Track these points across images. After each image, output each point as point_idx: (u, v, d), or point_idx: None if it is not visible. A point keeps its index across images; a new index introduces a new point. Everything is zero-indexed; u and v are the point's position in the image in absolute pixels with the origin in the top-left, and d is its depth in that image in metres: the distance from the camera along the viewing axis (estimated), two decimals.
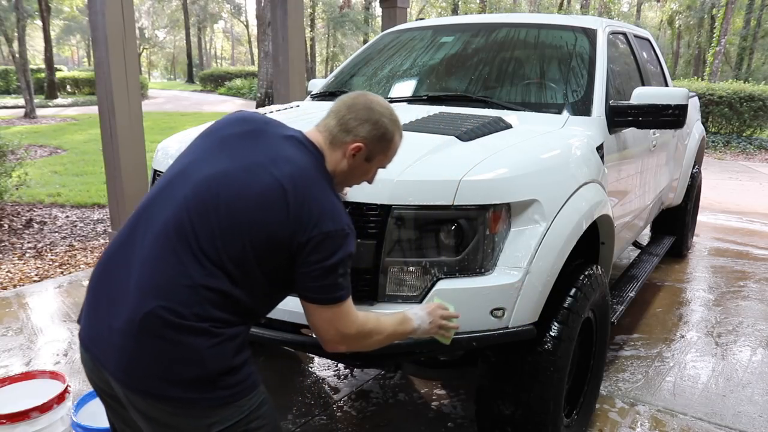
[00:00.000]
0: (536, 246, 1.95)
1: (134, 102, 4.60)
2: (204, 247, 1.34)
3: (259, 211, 1.37)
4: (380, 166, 1.65)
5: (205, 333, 1.32)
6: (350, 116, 1.54)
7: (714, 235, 5.95)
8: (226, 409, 1.35)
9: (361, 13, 31.60)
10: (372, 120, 1.54)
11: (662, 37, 39.47)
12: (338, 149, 1.55)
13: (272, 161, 1.43)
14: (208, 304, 1.33)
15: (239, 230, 1.36)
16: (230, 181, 1.39)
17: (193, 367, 1.31)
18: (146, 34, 46.90)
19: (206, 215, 1.36)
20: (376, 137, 1.55)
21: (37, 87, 21.31)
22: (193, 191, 1.39)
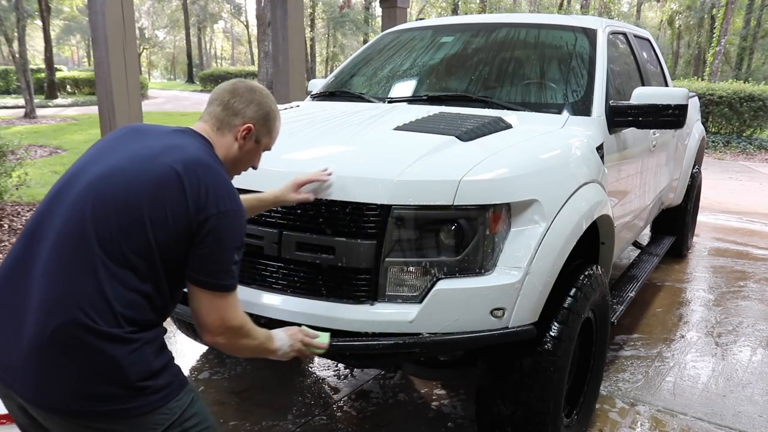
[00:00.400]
0: (536, 246, 1.95)
1: (134, 102, 4.60)
2: (106, 248, 1.30)
3: (157, 199, 1.34)
4: (266, 148, 1.70)
5: (121, 340, 1.28)
6: (235, 100, 1.58)
7: (714, 235, 5.95)
8: (155, 415, 1.33)
9: (361, 13, 31.60)
10: (256, 101, 1.60)
11: (662, 37, 39.46)
12: (228, 134, 1.58)
13: (162, 151, 1.41)
14: (119, 308, 1.29)
15: (140, 222, 1.33)
16: (123, 176, 1.37)
17: (113, 377, 1.28)
18: (146, 34, 46.88)
19: (104, 215, 1.32)
20: (262, 117, 1.61)
21: (37, 87, 21.30)
22: (85, 194, 1.35)
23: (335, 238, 1.90)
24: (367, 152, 2.16)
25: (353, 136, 2.33)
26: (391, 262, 1.88)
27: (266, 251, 2.02)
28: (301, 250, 1.96)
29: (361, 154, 2.15)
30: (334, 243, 1.90)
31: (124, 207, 1.33)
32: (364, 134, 2.36)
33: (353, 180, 1.92)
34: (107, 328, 1.27)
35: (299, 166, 2.07)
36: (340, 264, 1.90)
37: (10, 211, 6.40)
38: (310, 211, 1.94)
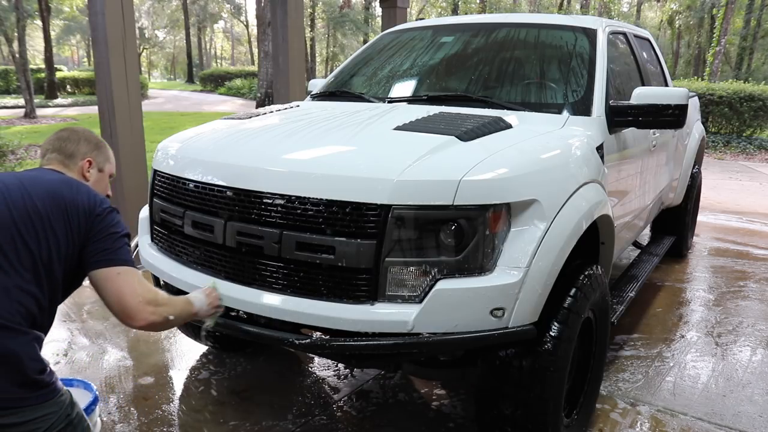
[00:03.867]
0: (536, 246, 1.95)
1: (134, 102, 4.59)
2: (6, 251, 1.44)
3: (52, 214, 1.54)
4: (111, 173, 1.91)
5: (22, 334, 1.41)
6: (65, 144, 1.78)
7: (714, 235, 5.95)
8: (47, 407, 1.44)
9: (361, 13, 31.59)
10: (82, 137, 1.82)
11: (662, 37, 39.45)
12: (75, 173, 1.77)
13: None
14: (20, 307, 1.42)
15: (43, 230, 1.50)
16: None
17: (15, 368, 1.39)
18: (146, 34, 46.86)
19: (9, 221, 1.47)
20: (95, 148, 1.83)
21: (37, 87, 21.29)
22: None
23: (335, 238, 1.90)
24: (367, 152, 2.16)
25: (353, 136, 2.33)
26: (391, 262, 1.88)
27: (266, 251, 2.02)
28: (301, 250, 1.96)
29: (361, 154, 2.15)
30: (334, 243, 1.90)
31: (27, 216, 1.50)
32: (364, 134, 2.36)
33: (353, 180, 1.92)
34: (9, 323, 1.39)
35: (299, 165, 2.07)
36: (340, 264, 1.90)
37: None
38: (311, 211, 1.94)
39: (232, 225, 2.09)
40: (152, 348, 3.37)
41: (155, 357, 3.27)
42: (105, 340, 3.45)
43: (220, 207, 2.15)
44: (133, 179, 4.56)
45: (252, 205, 2.06)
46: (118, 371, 3.09)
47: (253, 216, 2.06)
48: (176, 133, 2.74)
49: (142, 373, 3.08)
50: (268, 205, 2.02)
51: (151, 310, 1.61)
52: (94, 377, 3.01)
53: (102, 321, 3.69)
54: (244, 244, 2.07)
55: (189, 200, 2.28)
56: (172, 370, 3.14)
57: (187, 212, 2.27)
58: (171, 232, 2.42)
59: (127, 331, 3.58)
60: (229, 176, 2.13)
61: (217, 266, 2.18)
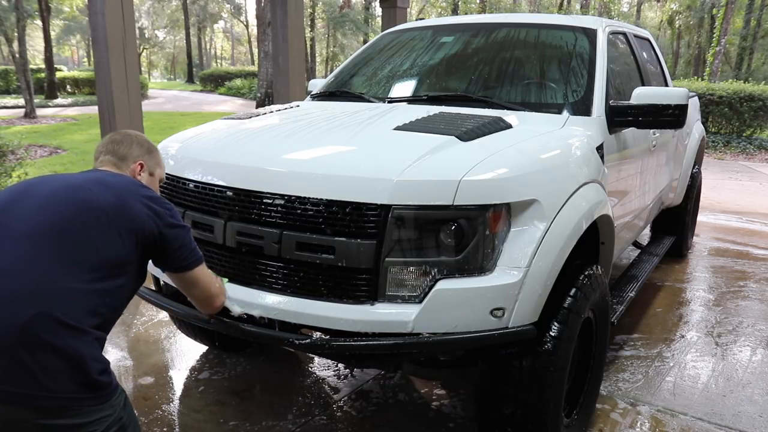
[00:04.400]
0: (536, 246, 1.95)
1: (134, 102, 4.60)
2: (78, 251, 1.44)
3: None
4: (161, 178, 1.93)
5: (86, 334, 1.39)
6: (117, 147, 1.80)
7: (714, 235, 5.95)
8: (103, 410, 1.41)
9: (361, 13, 31.58)
10: (135, 141, 1.84)
11: (662, 37, 39.45)
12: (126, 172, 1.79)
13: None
14: (85, 306, 1.41)
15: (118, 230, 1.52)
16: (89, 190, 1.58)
17: (75, 370, 1.36)
18: (146, 34, 46.86)
19: (81, 220, 1.47)
20: (146, 152, 1.85)
21: (37, 87, 21.29)
22: (57, 199, 1.50)
23: (335, 238, 1.90)
24: (366, 152, 2.16)
25: (353, 136, 2.33)
26: (391, 262, 1.88)
27: (266, 251, 2.02)
28: (302, 250, 1.96)
29: (361, 154, 2.15)
30: (334, 243, 1.90)
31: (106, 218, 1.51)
32: (364, 134, 2.36)
33: (353, 180, 1.92)
34: (74, 323, 1.37)
35: (299, 165, 2.07)
36: (340, 264, 1.90)
37: None
38: (311, 211, 1.94)
39: (232, 225, 2.09)
40: (152, 348, 3.37)
41: (155, 357, 3.27)
42: None
43: (220, 207, 2.15)
44: None
45: (252, 205, 2.06)
46: (118, 371, 3.09)
47: (253, 216, 2.06)
48: (176, 133, 2.74)
49: (142, 373, 3.08)
50: (268, 205, 2.02)
51: (222, 293, 1.92)
52: None
53: None
54: (244, 245, 2.07)
55: (189, 200, 2.28)
56: (172, 370, 3.14)
57: (187, 212, 2.27)
58: None
59: (127, 330, 3.58)
60: (229, 176, 2.13)
61: (217, 266, 2.18)
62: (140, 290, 2.41)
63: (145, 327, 3.64)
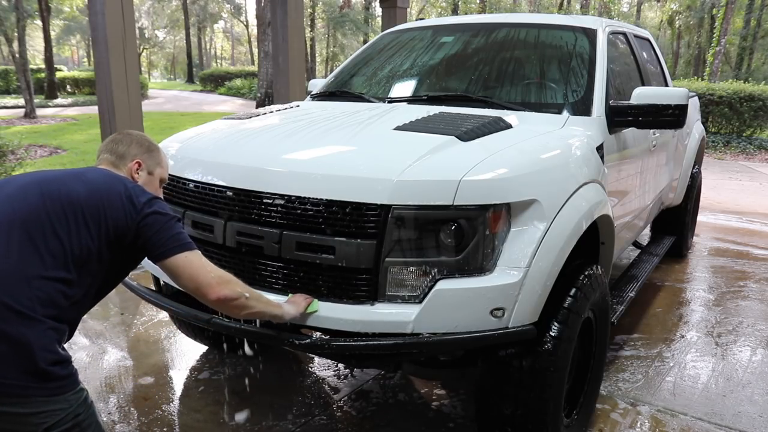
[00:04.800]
0: (536, 246, 1.95)
1: (134, 102, 4.60)
2: (42, 241, 1.43)
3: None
4: (162, 177, 1.88)
5: (36, 322, 1.38)
6: (116, 146, 1.80)
7: (714, 235, 5.95)
8: (55, 402, 1.39)
9: (361, 13, 31.58)
10: (134, 140, 1.83)
11: (662, 37, 39.45)
12: (124, 174, 1.76)
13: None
14: (41, 294, 1.40)
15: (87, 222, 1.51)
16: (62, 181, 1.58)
17: (24, 355, 1.35)
18: (146, 34, 46.86)
19: (50, 210, 1.48)
20: (146, 151, 1.83)
21: (37, 87, 21.28)
22: (24, 190, 1.51)
23: (335, 238, 1.90)
24: (366, 152, 2.16)
25: (353, 136, 2.33)
26: (391, 262, 1.88)
27: (266, 251, 2.02)
28: (302, 250, 1.96)
29: (361, 154, 2.15)
30: (334, 243, 1.90)
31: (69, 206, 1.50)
32: (363, 134, 2.36)
33: (353, 180, 1.92)
34: (24, 310, 1.37)
35: (299, 166, 2.07)
36: (340, 264, 1.90)
37: None
38: (311, 211, 1.94)
39: (232, 225, 2.09)
40: (152, 348, 3.37)
41: (155, 357, 3.27)
42: (105, 340, 3.45)
43: (220, 207, 2.15)
44: None
45: (252, 205, 2.06)
46: (118, 371, 3.09)
47: (253, 216, 2.06)
48: (176, 133, 2.74)
49: (142, 373, 3.08)
50: (268, 205, 2.02)
51: (224, 284, 1.66)
52: (94, 377, 3.01)
53: (102, 321, 3.69)
54: (244, 245, 2.07)
55: (189, 200, 2.28)
56: (172, 370, 3.14)
57: (187, 212, 2.27)
58: None
59: (127, 331, 3.58)
60: (229, 176, 2.13)
61: (217, 266, 2.18)
62: (140, 290, 2.41)
63: (145, 327, 3.64)
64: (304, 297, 1.94)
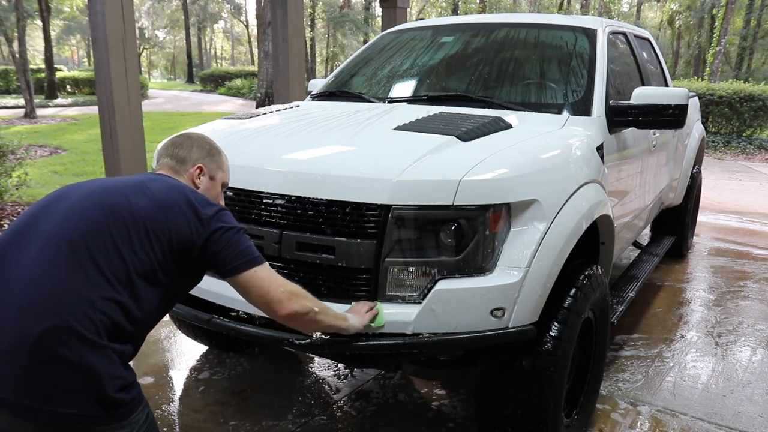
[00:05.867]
0: (536, 246, 1.95)
1: (134, 102, 4.59)
2: (101, 260, 1.36)
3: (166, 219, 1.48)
4: (224, 182, 1.81)
5: (101, 348, 1.31)
6: (177, 150, 1.73)
7: (714, 235, 5.95)
8: (120, 428, 1.35)
9: (361, 13, 31.58)
10: (195, 143, 1.75)
11: (662, 37, 39.45)
12: (186, 180, 1.70)
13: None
14: (105, 319, 1.33)
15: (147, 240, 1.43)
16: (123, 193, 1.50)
17: (91, 386, 1.29)
18: (146, 34, 46.87)
19: (107, 226, 1.40)
20: (207, 155, 1.75)
21: (37, 87, 21.28)
22: (85, 204, 1.44)
23: (335, 238, 1.90)
24: (366, 152, 2.16)
25: (353, 136, 2.33)
26: (391, 262, 1.88)
27: (266, 251, 2.02)
28: (302, 250, 1.96)
29: (361, 154, 2.15)
30: (334, 243, 1.90)
31: (131, 221, 1.43)
32: (364, 134, 2.36)
33: (353, 180, 1.92)
34: (91, 336, 1.30)
35: (299, 166, 2.07)
36: (340, 264, 1.90)
37: (10, 211, 6.39)
38: (311, 211, 1.94)
39: None
40: (152, 348, 3.37)
41: (155, 357, 3.27)
42: None
43: None
44: None
45: (252, 205, 2.06)
46: None
47: (253, 216, 2.06)
48: (176, 133, 2.73)
49: (142, 373, 3.08)
50: (268, 205, 2.02)
51: (294, 299, 1.60)
52: None
53: None
54: None
55: None
56: (172, 370, 3.14)
57: None
58: None
59: None
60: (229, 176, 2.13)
61: None
62: None
63: None
64: (368, 306, 1.86)
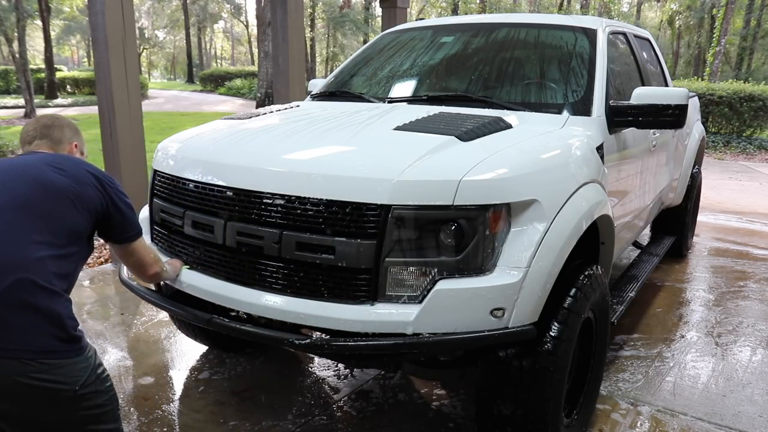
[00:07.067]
0: (536, 246, 1.95)
1: (134, 102, 4.59)
2: (42, 223, 1.61)
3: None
4: (86, 155, 2.03)
5: (58, 295, 1.57)
6: (50, 131, 1.91)
7: (714, 235, 5.95)
8: (81, 361, 1.58)
9: (361, 13, 31.58)
10: (64, 124, 1.96)
11: (662, 37, 39.44)
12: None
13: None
14: (57, 271, 1.59)
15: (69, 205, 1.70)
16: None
17: (56, 327, 1.54)
18: (146, 34, 46.88)
19: (42, 197, 1.64)
20: (75, 133, 1.98)
21: (37, 87, 21.29)
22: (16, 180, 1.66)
23: (335, 239, 1.90)
24: (366, 152, 2.16)
25: (353, 136, 2.33)
26: (391, 262, 1.88)
27: (266, 251, 2.02)
28: (301, 250, 1.96)
29: (361, 154, 2.15)
30: (334, 243, 1.90)
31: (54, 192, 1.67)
32: (364, 134, 2.36)
33: (353, 180, 1.92)
34: (50, 286, 1.55)
35: (299, 166, 2.07)
36: (340, 264, 1.90)
37: None
38: (311, 212, 1.94)
39: (232, 225, 2.09)
40: (152, 348, 3.37)
41: (155, 357, 3.27)
42: (105, 340, 3.45)
43: (220, 207, 2.15)
44: (133, 179, 4.56)
45: (252, 205, 2.06)
46: (118, 371, 3.09)
47: (253, 216, 2.06)
48: (176, 133, 2.74)
49: (142, 373, 3.08)
50: (268, 205, 2.02)
51: (157, 262, 2.06)
52: None
53: (102, 321, 3.69)
54: (244, 245, 2.07)
55: (189, 200, 2.28)
56: (172, 370, 3.14)
57: (187, 212, 2.27)
58: (171, 232, 2.42)
59: (127, 331, 3.58)
60: (229, 176, 2.13)
61: (217, 266, 2.18)
62: (140, 290, 2.41)
63: (145, 327, 3.64)
64: (180, 263, 2.29)
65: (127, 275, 2.49)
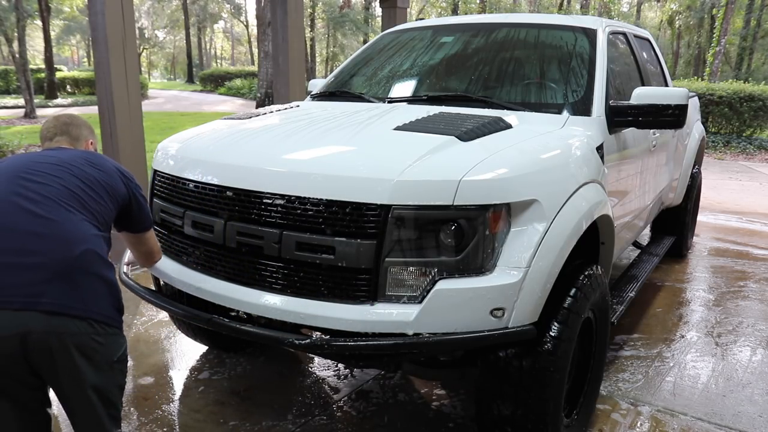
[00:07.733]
0: (536, 246, 1.95)
1: (134, 102, 4.59)
2: (87, 210, 1.79)
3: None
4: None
5: (113, 269, 1.77)
6: (70, 129, 2.05)
7: (714, 235, 5.95)
8: (123, 337, 1.80)
9: (361, 13, 31.58)
10: (81, 123, 2.10)
11: (662, 37, 39.44)
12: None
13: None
14: (105, 249, 1.77)
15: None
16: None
17: (114, 295, 1.74)
18: (146, 34, 46.87)
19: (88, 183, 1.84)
20: (91, 132, 2.13)
21: (37, 87, 21.28)
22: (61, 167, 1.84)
23: (335, 238, 1.90)
24: (366, 152, 2.16)
25: (353, 136, 2.33)
26: (391, 262, 1.88)
27: (266, 251, 2.02)
28: (301, 250, 1.96)
29: (361, 154, 2.15)
30: (334, 243, 1.90)
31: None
32: (364, 134, 2.36)
33: (353, 180, 1.92)
34: (107, 258, 1.75)
35: (299, 166, 2.07)
36: (340, 264, 1.90)
37: None
38: (311, 211, 1.94)
39: (232, 225, 2.10)
40: (152, 348, 3.37)
41: (155, 357, 3.27)
42: None
43: (220, 207, 2.15)
44: None
45: (252, 205, 2.06)
46: None
47: (253, 216, 2.06)
48: (176, 133, 2.74)
49: (142, 373, 3.08)
50: (268, 205, 2.02)
51: (161, 251, 2.27)
52: None
53: None
54: (244, 245, 2.07)
55: (189, 200, 2.28)
56: (172, 370, 3.14)
57: (187, 212, 2.27)
58: (171, 232, 2.42)
59: (127, 330, 3.58)
60: (229, 176, 2.14)
61: (217, 266, 2.18)
62: (140, 290, 2.42)
63: (145, 327, 3.64)
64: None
65: (127, 275, 2.49)
